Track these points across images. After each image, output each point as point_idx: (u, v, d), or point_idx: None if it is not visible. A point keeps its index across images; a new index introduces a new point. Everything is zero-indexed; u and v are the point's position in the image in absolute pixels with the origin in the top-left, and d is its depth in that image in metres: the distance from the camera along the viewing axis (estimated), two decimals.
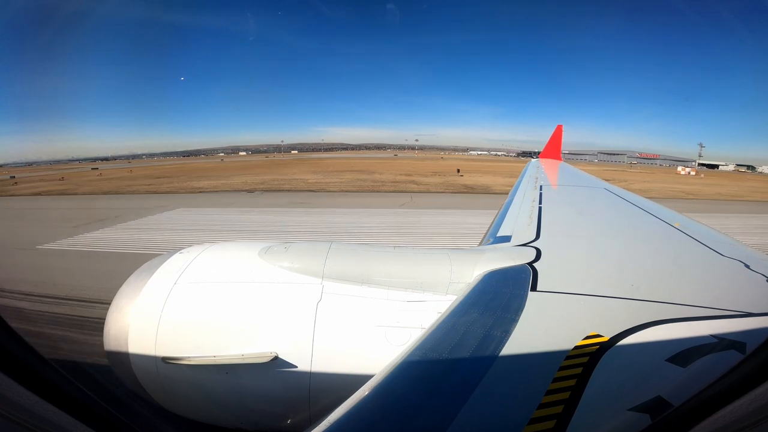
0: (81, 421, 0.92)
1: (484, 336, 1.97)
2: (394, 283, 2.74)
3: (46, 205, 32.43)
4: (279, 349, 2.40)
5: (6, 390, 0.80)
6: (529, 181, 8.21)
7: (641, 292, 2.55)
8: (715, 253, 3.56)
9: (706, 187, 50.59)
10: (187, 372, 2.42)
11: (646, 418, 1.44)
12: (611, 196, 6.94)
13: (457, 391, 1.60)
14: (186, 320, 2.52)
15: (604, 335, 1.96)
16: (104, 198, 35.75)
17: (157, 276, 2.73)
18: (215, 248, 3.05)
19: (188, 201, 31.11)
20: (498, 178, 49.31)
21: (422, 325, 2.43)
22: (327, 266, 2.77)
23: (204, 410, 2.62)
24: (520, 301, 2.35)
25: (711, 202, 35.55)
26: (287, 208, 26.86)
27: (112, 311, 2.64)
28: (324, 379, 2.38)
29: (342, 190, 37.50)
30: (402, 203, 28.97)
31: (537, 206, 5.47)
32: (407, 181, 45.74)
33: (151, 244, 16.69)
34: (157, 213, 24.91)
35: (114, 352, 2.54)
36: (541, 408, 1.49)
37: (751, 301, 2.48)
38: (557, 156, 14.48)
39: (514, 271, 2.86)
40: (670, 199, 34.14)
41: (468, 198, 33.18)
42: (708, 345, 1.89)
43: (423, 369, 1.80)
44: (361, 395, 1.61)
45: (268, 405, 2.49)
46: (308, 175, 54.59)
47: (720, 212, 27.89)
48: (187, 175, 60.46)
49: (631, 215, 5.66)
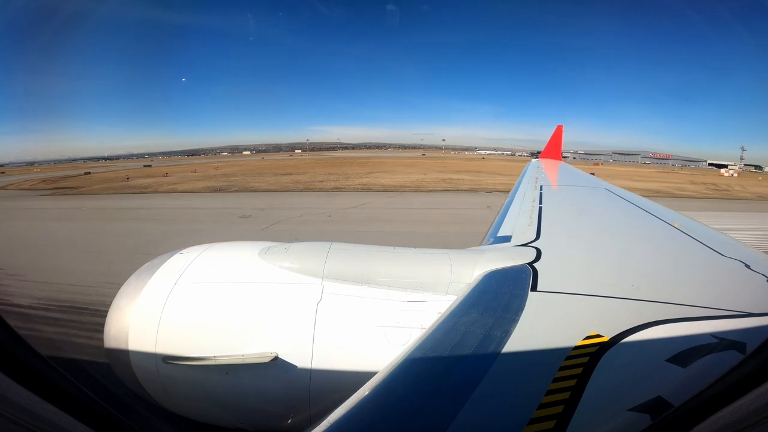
0: (81, 421, 0.92)
1: (485, 336, 1.97)
2: (394, 283, 2.74)
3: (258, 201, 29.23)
4: (279, 349, 2.40)
5: (6, 390, 0.80)
6: (530, 181, 8.20)
7: (641, 292, 2.55)
8: (715, 253, 3.56)
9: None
10: (187, 372, 2.42)
11: (646, 418, 1.44)
12: (611, 197, 6.93)
13: (458, 391, 1.60)
14: (186, 320, 2.52)
15: (605, 335, 1.96)
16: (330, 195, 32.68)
17: (158, 276, 2.73)
18: (215, 248, 3.05)
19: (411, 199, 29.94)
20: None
21: (422, 325, 2.43)
22: (327, 266, 2.77)
23: (204, 410, 2.62)
24: (521, 301, 2.34)
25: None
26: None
27: (112, 311, 2.64)
28: (324, 379, 2.38)
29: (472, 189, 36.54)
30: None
31: (537, 206, 5.46)
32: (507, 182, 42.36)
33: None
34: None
35: (114, 352, 2.54)
36: (541, 408, 1.49)
37: (751, 301, 2.48)
38: (557, 156, 14.48)
39: (514, 271, 2.86)
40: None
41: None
42: (708, 345, 1.89)
43: (423, 369, 1.80)
44: (361, 395, 1.61)
45: (269, 405, 2.49)
46: (399, 175, 49.89)
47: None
48: (300, 173, 54.86)
49: (632, 215, 5.65)
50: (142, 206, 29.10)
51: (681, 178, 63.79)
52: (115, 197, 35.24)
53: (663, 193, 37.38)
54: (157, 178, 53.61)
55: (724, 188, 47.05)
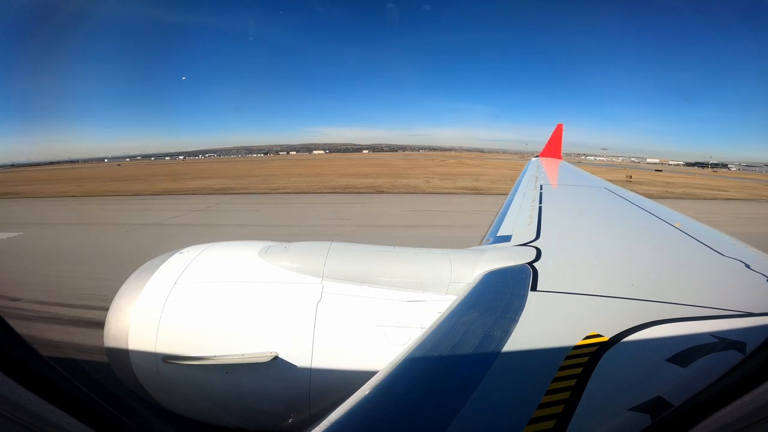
0: (81, 421, 0.92)
1: (484, 336, 1.97)
2: (394, 283, 2.74)
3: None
4: (279, 349, 2.40)
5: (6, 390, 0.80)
6: (530, 180, 8.20)
7: (641, 292, 2.55)
8: (715, 253, 3.56)
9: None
10: (187, 372, 2.42)
11: (646, 418, 1.44)
12: (612, 196, 6.93)
13: (457, 391, 1.60)
14: (186, 320, 2.52)
15: (604, 335, 1.96)
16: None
17: (158, 276, 2.73)
18: (215, 248, 3.05)
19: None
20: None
21: (422, 325, 2.44)
22: (327, 266, 2.77)
23: (204, 410, 2.62)
24: (520, 301, 2.35)
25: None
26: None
27: (112, 311, 2.65)
28: (324, 379, 2.38)
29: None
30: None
31: (537, 206, 5.47)
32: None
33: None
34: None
35: (114, 352, 2.54)
36: (541, 408, 1.49)
37: (751, 301, 2.48)
38: (558, 155, 14.49)
39: (514, 270, 2.86)
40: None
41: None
42: (708, 345, 1.89)
43: (423, 369, 1.80)
44: (361, 395, 1.61)
45: (269, 405, 2.49)
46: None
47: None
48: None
49: (632, 215, 5.66)
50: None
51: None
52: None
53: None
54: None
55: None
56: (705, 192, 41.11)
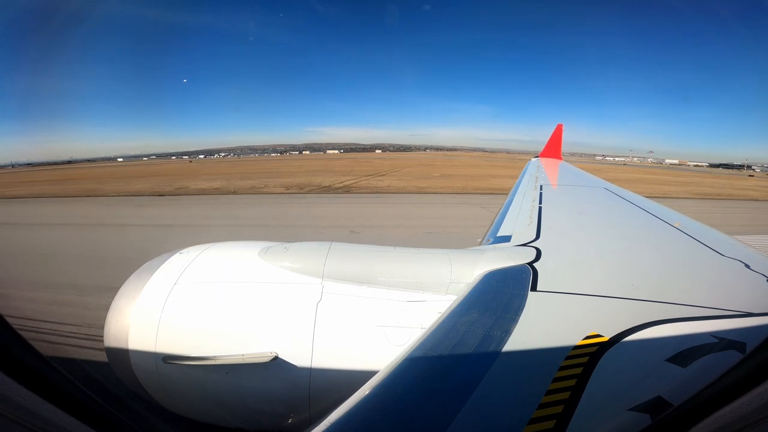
0: (81, 421, 0.92)
1: (484, 336, 1.97)
2: (394, 283, 2.74)
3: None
4: (279, 349, 2.40)
5: (6, 390, 0.80)
6: (530, 180, 8.19)
7: (641, 292, 2.55)
8: (715, 253, 3.56)
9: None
10: (187, 372, 2.42)
11: (646, 418, 1.44)
12: (611, 196, 6.92)
13: (457, 391, 1.60)
14: (186, 320, 2.52)
15: (604, 335, 1.96)
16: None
17: (158, 276, 2.73)
18: (215, 248, 3.05)
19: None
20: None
21: (422, 325, 2.43)
22: (327, 266, 2.77)
23: (204, 410, 2.61)
24: (520, 301, 2.35)
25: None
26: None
27: (112, 311, 2.64)
28: (324, 379, 2.38)
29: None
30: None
31: (537, 206, 5.46)
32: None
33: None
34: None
35: (114, 352, 2.54)
36: (541, 408, 1.49)
37: (751, 301, 2.48)
38: (558, 155, 14.46)
39: (514, 271, 2.86)
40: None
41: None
42: (708, 345, 1.89)
43: (423, 369, 1.80)
44: (361, 395, 1.61)
45: (269, 405, 2.49)
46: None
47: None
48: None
49: (632, 215, 5.65)
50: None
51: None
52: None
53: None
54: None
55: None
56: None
